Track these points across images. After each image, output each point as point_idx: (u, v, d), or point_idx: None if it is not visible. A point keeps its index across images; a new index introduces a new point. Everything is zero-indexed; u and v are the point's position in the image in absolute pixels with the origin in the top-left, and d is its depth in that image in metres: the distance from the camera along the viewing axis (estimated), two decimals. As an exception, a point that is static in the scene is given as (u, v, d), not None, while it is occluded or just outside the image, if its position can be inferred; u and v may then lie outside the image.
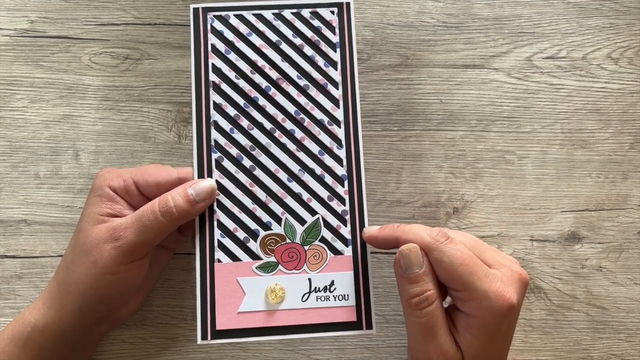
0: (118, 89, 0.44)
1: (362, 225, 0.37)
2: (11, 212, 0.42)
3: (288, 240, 0.36)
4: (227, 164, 0.37)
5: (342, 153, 0.37)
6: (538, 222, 0.43)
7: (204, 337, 0.34)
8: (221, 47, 0.38)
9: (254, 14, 0.38)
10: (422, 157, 0.44)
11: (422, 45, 0.45)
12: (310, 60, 0.38)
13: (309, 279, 0.36)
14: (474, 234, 0.40)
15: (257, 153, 0.37)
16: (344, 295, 0.36)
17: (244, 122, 0.37)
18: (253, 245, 0.36)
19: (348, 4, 0.39)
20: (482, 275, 0.32)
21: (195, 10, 0.38)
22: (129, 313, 0.38)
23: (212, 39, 0.38)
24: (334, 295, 0.36)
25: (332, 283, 0.36)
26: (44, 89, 0.44)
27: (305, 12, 0.38)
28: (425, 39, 0.45)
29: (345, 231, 0.37)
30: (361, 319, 0.35)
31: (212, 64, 0.37)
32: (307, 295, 0.36)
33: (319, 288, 0.36)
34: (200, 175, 0.36)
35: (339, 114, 0.38)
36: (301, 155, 0.37)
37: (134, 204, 0.36)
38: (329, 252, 0.36)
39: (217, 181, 0.36)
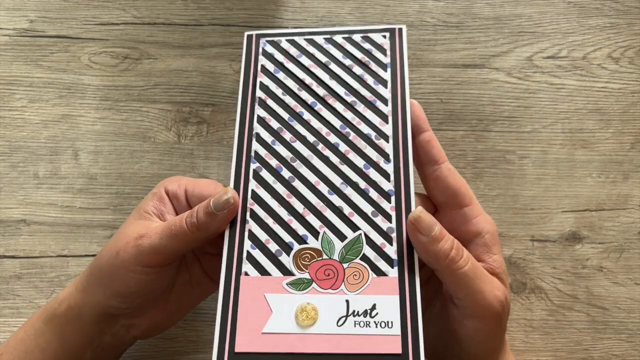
0: (117, 88, 0.44)
1: (410, 246, 0.32)
2: (10, 212, 0.42)
3: (325, 256, 0.32)
4: (265, 174, 0.35)
5: (389, 167, 0.34)
6: (539, 222, 0.43)
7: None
8: (270, 67, 0.37)
9: (305, 39, 0.38)
10: (422, 157, 0.44)
11: (423, 45, 0.45)
12: (359, 78, 0.37)
13: (347, 301, 0.31)
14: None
15: (297, 165, 0.35)
16: (388, 322, 0.30)
17: (287, 135, 0.35)
18: (285, 259, 0.32)
19: (400, 29, 0.38)
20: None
21: (249, 36, 0.38)
22: (151, 325, 0.37)
23: (262, 60, 0.37)
24: (375, 322, 0.30)
25: (374, 307, 0.31)
26: (43, 89, 0.44)
27: (357, 37, 0.38)
28: (426, 38, 0.45)
29: (391, 250, 0.32)
30: (407, 351, 0.30)
31: (260, 82, 0.37)
32: (344, 319, 0.31)
33: (357, 312, 0.31)
34: (236, 185, 0.34)
35: (387, 129, 0.35)
36: (344, 168, 0.34)
37: (179, 209, 0.36)
38: (371, 272, 0.32)
39: (252, 191, 0.34)
